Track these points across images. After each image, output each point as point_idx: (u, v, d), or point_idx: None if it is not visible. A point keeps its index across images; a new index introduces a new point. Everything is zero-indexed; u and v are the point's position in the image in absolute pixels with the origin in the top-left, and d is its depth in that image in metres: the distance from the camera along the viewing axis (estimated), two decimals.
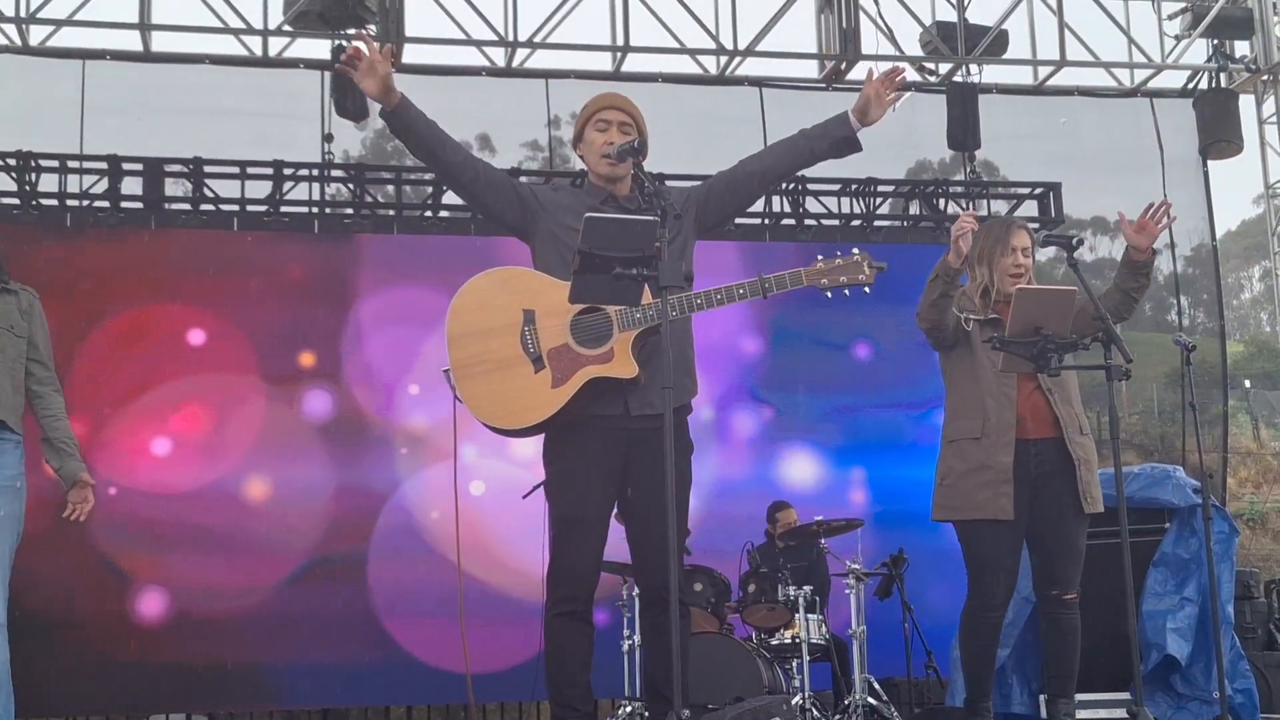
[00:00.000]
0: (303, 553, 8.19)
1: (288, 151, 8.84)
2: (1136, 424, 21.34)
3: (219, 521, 8.07)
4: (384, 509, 8.32)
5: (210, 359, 8.30)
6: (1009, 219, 5.04)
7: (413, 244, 8.83)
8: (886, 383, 9.00)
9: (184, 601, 7.93)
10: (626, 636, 6.72)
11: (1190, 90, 10.29)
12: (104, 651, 7.79)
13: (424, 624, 8.02)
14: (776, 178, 4.38)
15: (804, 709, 6.32)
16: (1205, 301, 12.51)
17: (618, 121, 4.10)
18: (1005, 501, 4.62)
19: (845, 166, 4.55)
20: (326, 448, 8.33)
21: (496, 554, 7.91)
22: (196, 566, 7.96)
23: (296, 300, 8.50)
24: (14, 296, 4.64)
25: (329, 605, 8.12)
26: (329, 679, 8.06)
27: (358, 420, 8.42)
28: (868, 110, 4.16)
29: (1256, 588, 7.51)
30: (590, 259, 3.50)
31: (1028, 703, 6.22)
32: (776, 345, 8.98)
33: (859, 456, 8.97)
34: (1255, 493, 21.12)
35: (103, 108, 8.83)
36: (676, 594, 3.41)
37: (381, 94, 3.94)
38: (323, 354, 8.46)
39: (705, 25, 9.54)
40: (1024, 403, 4.71)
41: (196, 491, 8.11)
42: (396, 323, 8.49)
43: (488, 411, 3.94)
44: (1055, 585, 4.73)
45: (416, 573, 8.11)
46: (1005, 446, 4.64)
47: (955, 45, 9.74)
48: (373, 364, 8.50)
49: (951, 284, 4.67)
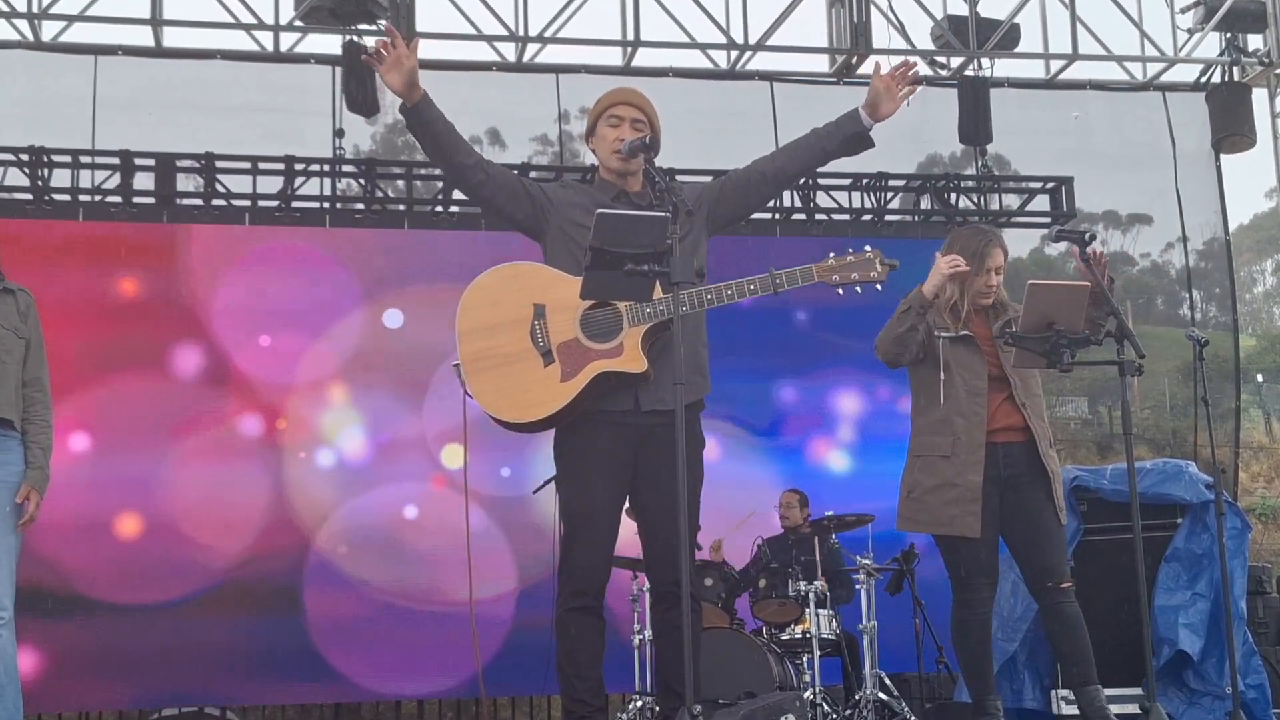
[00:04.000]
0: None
1: (299, 147, 8.85)
2: (1149, 419, 21.29)
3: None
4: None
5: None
6: (986, 232, 4.96)
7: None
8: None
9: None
10: (637, 631, 6.73)
11: (1203, 84, 10.24)
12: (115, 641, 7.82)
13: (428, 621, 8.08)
14: (790, 178, 4.36)
15: (815, 704, 6.33)
16: (1218, 296, 12.45)
17: (630, 118, 4.09)
18: (972, 520, 4.64)
19: (856, 161, 4.52)
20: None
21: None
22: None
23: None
24: (12, 297, 4.64)
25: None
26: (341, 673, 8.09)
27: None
28: (878, 105, 4.13)
29: (1269, 583, 7.48)
30: (602, 255, 3.50)
31: (1039, 698, 6.22)
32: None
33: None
34: (1268, 488, 21.04)
35: (114, 103, 8.84)
36: (688, 589, 3.41)
37: (405, 89, 3.94)
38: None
39: (716, 20, 9.53)
40: (996, 414, 4.73)
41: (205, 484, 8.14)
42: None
43: (496, 405, 3.94)
44: (1048, 576, 4.72)
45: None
46: (974, 465, 4.67)
47: (967, 39, 9.71)
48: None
49: (922, 318, 4.67)
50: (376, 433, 8.41)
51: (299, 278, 8.50)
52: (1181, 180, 10.04)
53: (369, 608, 8.13)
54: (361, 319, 8.49)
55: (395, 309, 8.50)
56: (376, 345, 8.46)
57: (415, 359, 8.35)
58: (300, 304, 8.42)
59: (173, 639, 7.80)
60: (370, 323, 8.47)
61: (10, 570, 4.42)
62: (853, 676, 6.90)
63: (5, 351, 4.53)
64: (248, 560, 8.05)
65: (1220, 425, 10.46)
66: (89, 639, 7.74)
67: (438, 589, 8.07)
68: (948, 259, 4.62)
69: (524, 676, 7.79)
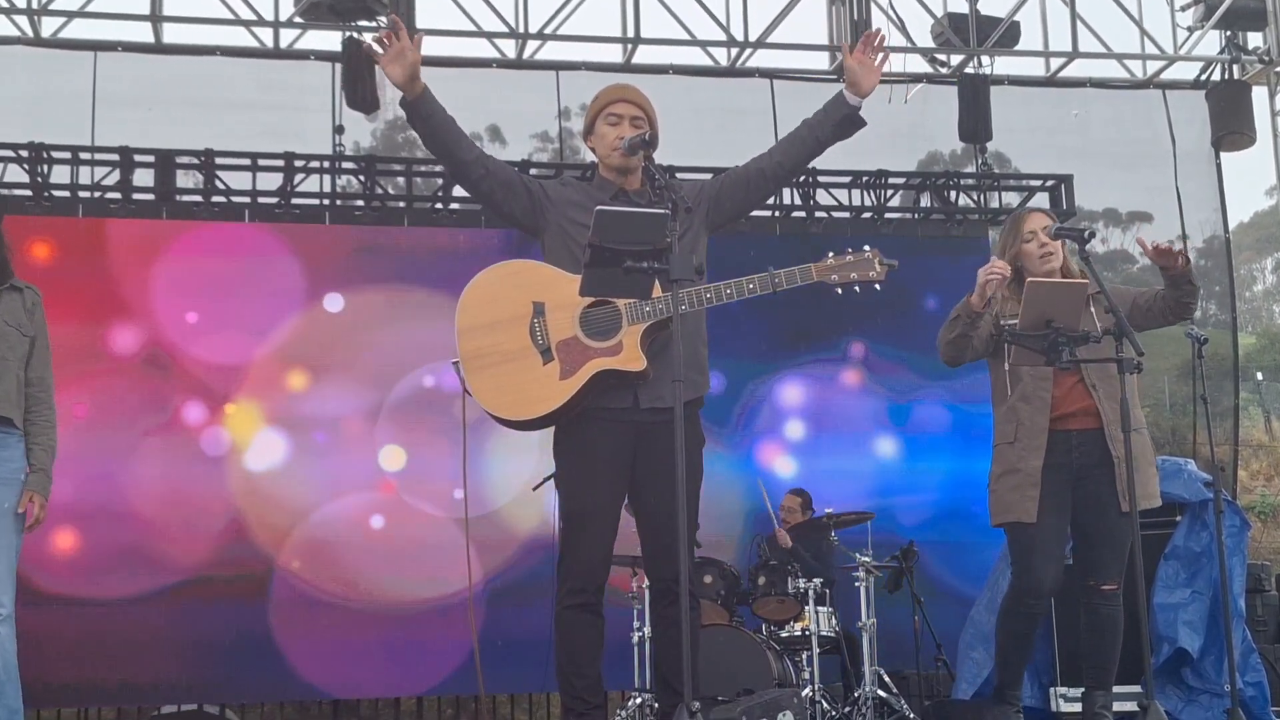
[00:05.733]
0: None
1: (298, 143, 8.85)
2: (1148, 417, 21.11)
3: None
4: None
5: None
6: (1019, 211, 5.02)
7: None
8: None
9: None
10: (637, 628, 6.73)
11: (1203, 82, 10.24)
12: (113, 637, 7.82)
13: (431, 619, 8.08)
14: (788, 172, 4.36)
15: (814, 701, 6.34)
16: (1217, 294, 12.43)
17: (629, 115, 4.09)
18: (1030, 505, 4.64)
19: (856, 158, 4.54)
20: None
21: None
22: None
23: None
24: (19, 294, 4.60)
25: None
26: (339, 670, 8.09)
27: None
28: (860, 82, 4.11)
29: (1268, 581, 7.50)
30: (601, 252, 3.50)
31: (1037, 695, 6.23)
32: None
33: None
34: (1267, 486, 21.04)
35: (114, 99, 8.84)
36: (687, 586, 3.41)
37: (407, 81, 3.94)
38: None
39: (716, 17, 9.53)
40: (1066, 397, 4.70)
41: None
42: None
43: (496, 403, 3.95)
44: (1093, 575, 4.73)
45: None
46: (1036, 450, 4.66)
47: (967, 36, 9.71)
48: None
49: (972, 325, 4.68)
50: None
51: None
52: (1181, 178, 10.04)
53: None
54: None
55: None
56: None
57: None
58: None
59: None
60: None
61: (10, 567, 4.42)
62: (851, 674, 6.91)
63: (8, 348, 4.49)
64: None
65: (1220, 423, 10.46)
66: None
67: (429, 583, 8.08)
68: (984, 268, 4.63)
69: (523, 673, 7.81)
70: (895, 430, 8.96)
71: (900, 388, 8.96)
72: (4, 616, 4.35)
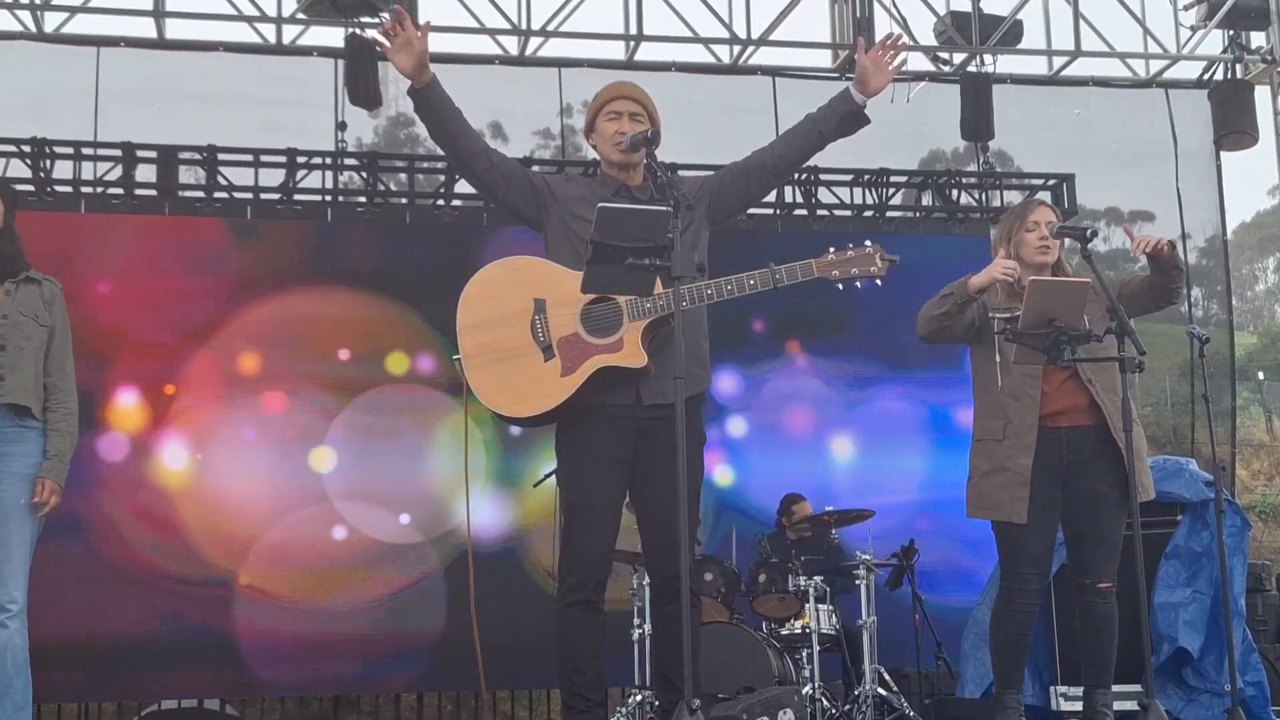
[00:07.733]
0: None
1: (301, 139, 8.83)
2: (1149, 416, 21.23)
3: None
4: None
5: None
6: (1029, 199, 4.99)
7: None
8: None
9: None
10: (637, 625, 6.73)
11: (1205, 81, 10.22)
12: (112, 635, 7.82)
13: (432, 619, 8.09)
14: (789, 166, 4.36)
15: (814, 699, 6.34)
16: (1219, 293, 12.44)
17: (629, 112, 4.09)
18: (1020, 505, 4.61)
19: (858, 157, 4.54)
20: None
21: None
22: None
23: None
24: (37, 286, 4.62)
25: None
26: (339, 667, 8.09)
27: None
28: (868, 81, 4.12)
29: (1268, 580, 7.50)
30: (602, 249, 3.51)
31: (1038, 694, 6.23)
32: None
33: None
34: (1268, 485, 21.05)
35: (117, 95, 8.82)
36: (688, 583, 3.41)
37: (414, 70, 3.95)
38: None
39: (718, 14, 9.52)
40: (1056, 393, 4.66)
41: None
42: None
43: (497, 399, 3.96)
44: (1088, 573, 4.70)
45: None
46: (1025, 449, 4.62)
47: (969, 35, 9.70)
48: None
49: (962, 308, 4.67)
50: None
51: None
52: (1183, 177, 10.03)
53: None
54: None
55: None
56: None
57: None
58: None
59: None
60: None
61: (24, 562, 4.41)
62: (852, 671, 6.91)
63: (24, 338, 4.50)
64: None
65: (1221, 423, 10.46)
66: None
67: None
68: (1005, 263, 4.62)
69: (524, 670, 7.80)
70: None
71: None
72: (15, 612, 4.35)
